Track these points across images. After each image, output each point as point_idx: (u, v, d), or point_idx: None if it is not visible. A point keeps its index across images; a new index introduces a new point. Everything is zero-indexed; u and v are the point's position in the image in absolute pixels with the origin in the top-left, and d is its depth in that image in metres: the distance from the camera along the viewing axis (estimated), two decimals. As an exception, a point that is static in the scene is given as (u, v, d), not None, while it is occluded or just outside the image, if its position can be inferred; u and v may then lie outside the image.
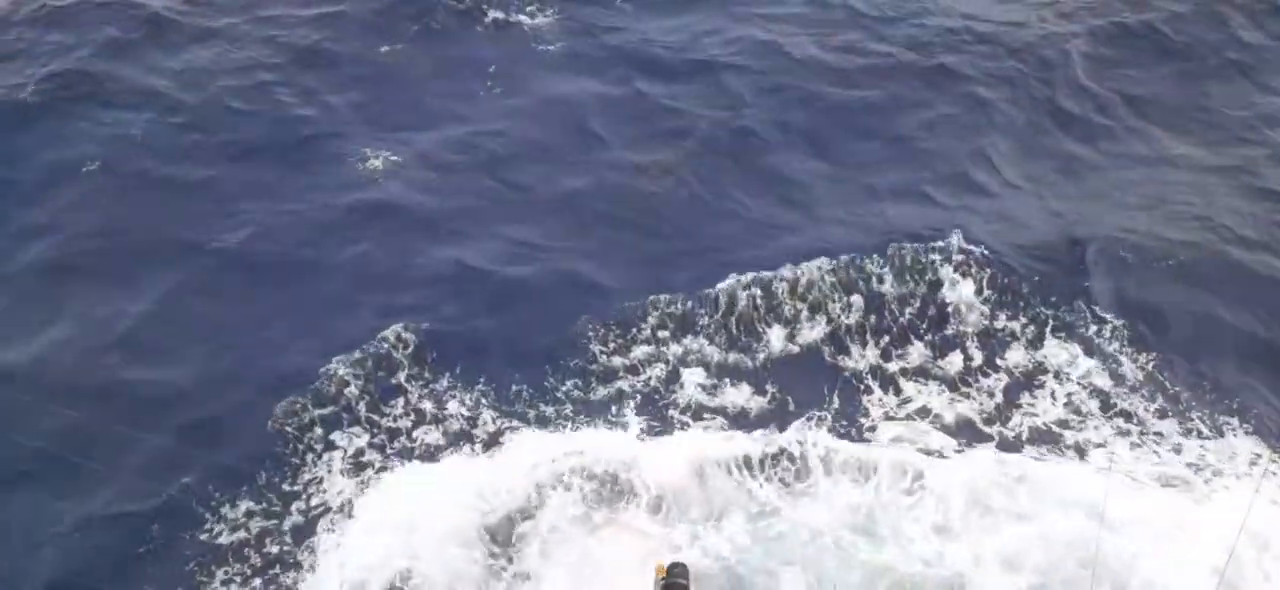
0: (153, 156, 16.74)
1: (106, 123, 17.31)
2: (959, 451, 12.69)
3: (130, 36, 19.12)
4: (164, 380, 13.27)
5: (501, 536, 11.60)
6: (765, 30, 20.24)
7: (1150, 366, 13.97)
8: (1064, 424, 13.26)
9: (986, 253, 15.27)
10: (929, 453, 12.59)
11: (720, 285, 14.59)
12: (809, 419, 12.99)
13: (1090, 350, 14.16)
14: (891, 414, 13.28)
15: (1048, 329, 14.39)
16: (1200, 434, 13.12)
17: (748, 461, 12.45)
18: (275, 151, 17.01)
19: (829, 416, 13.09)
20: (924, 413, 13.28)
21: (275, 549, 11.49)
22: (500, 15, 20.18)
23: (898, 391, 13.57)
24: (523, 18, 20.20)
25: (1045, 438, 13.02)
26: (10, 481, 12.15)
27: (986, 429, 13.13)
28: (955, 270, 15.00)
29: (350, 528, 11.63)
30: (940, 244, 15.30)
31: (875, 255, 15.08)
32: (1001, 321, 14.52)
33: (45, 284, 14.54)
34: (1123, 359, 14.05)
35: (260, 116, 17.72)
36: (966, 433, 13.03)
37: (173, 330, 13.95)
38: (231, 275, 14.80)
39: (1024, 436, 13.02)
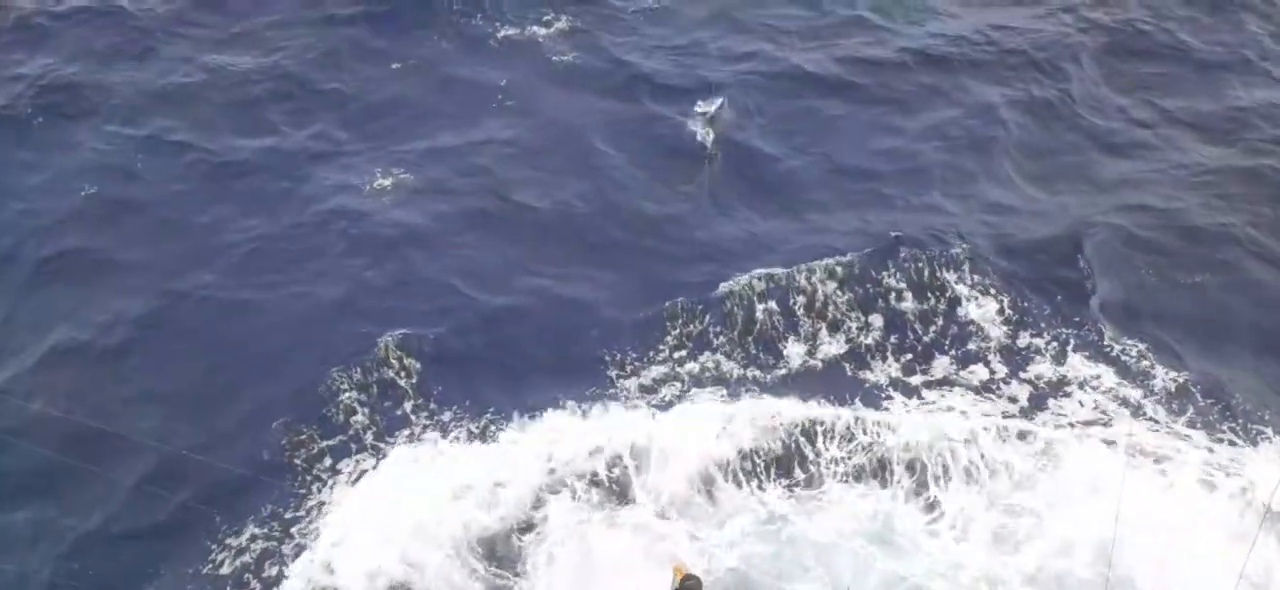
0: (151, 174, 16.55)
1: (102, 140, 17.14)
2: (979, 452, 12.46)
3: (129, 51, 19.02)
4: (161, 396, 13.11)
5: (503, 545, 11.45)
6: (774, 42, 20.06)
7: (1182, 378, 13.66)
8: (1089, 423, 13.00)
9: (1004, 265, 15.08)
10: (947, 457, 12.37)
11: (727, 285, 14.47)
12: (826, 426, 12.76)
13: (1113, 362, 13.89)
14: (910, 410, 13.09)
15: (1069, 345, 14.10)
16: (1231, 442, 12.87)
17: (761, 467, 12.29)
18: (280, 170, 16.76)
19: (847, 423, 12.83)
20: (947, 410, 13.09)
21: (274, 569, 11.28)
22: (513, 31, 19.97)
23: (920, 398, 13.35)
24: (537, 29, 19.99)
25: (1067, 439, 12.70)
26: (6, 501, 11.97)
27: (1007, 427, 12.84)
28: (973, 286, 14.77)
29: (349, 535, 11.40)
30: (957, 254, 15.07)
31: (890, 265, 14.85)
32: (1025, 338, 14.21)
33: (41, 302, 14.38)
34: (1150, 371, 13.77)
35: (263, 134, 17.50)
36: (987, 435, 12.68)
37: (171, 350, 13.76)
38: (235, 292, 14.60)
39: (1047, 436, 12.71)
